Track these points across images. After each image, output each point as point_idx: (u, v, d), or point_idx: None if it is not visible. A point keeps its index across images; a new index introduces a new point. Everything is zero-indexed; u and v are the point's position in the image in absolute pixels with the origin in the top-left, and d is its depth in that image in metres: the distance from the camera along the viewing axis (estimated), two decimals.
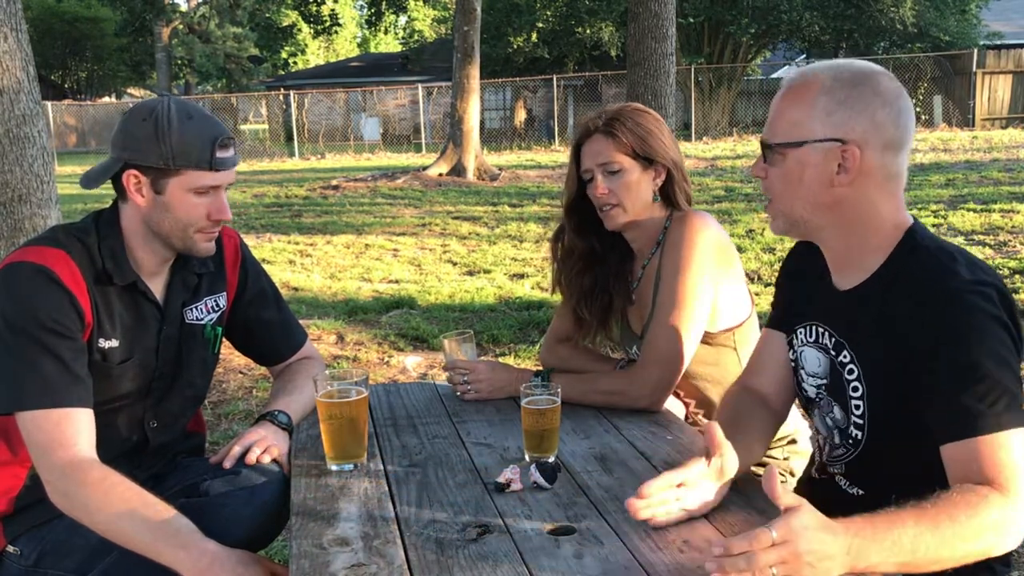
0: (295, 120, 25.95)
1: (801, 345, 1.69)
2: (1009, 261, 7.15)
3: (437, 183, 15.15)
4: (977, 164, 14.07)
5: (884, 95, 1.48)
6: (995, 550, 1.31)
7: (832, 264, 1.62)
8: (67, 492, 1.66)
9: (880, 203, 1.51)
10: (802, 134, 1.49)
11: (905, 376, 1.45)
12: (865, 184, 1.49)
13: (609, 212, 2.12)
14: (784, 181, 1.54)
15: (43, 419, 1.67)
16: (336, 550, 1.37)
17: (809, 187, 1.51)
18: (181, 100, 1.88)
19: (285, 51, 50.10)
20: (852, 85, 1.48)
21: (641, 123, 2.10)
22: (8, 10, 4.01)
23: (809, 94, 1.49)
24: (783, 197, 1.55)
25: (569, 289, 2.28)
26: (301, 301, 6.80)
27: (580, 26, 26.87)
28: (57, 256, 1.75)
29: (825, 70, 1.51)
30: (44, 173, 4.18)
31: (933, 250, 1.48)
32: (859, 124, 1.47)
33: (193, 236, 1.85)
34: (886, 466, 1.40)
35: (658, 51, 7.97)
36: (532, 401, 1.72)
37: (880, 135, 1.47)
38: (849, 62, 1.54)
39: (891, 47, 25.78)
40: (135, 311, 1.88)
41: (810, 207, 1.53)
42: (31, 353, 1.68)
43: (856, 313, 1.55)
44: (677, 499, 1.43)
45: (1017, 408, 1.36)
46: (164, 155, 1.76)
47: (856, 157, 1.47)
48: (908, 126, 1.50)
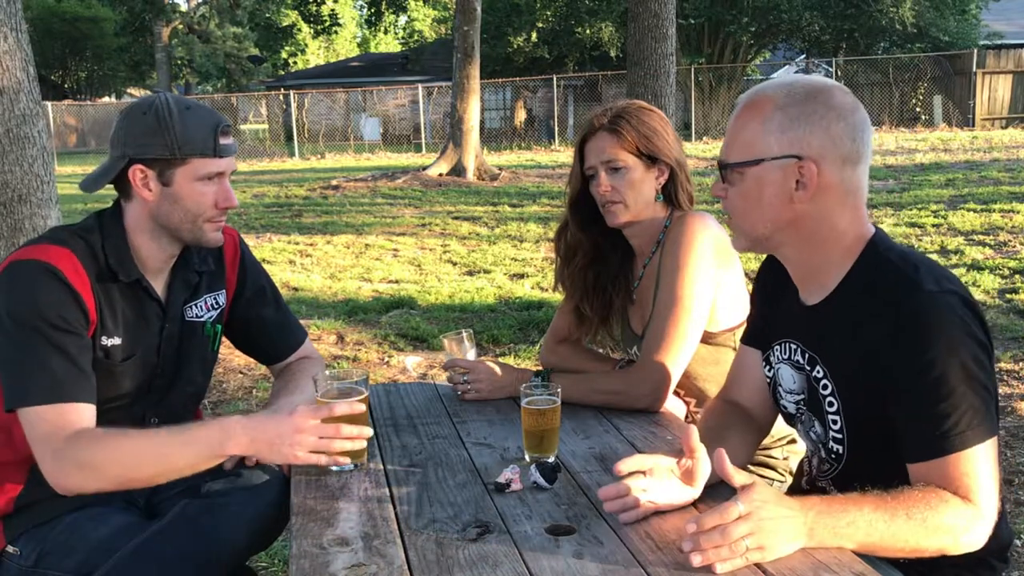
0: (295, 120, 25.96)
1: (777, 363, 1.69)
2: (1009, 261, 7.15)
3: (437, 183, 15.15)
4: (977, 164, 14.07)
5: (838, 109, 1.48)
6: (951, 550, 1.36)
7: (797, 279, 1.62)
8: (79, 461, 1.64)
9: (841, 217, 1.51)
10: (758, 152, 1.50)
11: (875, 388, 1.46)
12: (825, 199, 1.49)
13: (611, 209, 2.12)
14: (744, 200, 1.54)
15: (48, 412, 1.66)
16: (336, 550, 1.37)
17: (769, 205, 1.51)
18: (177, 94, 1.91)
19: (285, 51, 50.10)
20: (805, 101, 1.48)
21: (646, 122, 2.11)
22: (8, 10, 4.01)
23: (763, 112, 1.50)
24: (744, 216, 1.55)
25: (572, 286, 2.28)
26: (301, 301, 6.80)
27: (580, 26, 26.86)
28: (61, 254, 1.76)
29: (778, 88, 1.52)
30: (44, 173, 4.18)
31: (896, 260, 1.48)
32: (815, 139, 1.47)
33: (203, 226, 1.86)
34: (871, 479, 1.41)
35: (658, 51, 7.96)
36: (532, 401, 1.72)
37: (837, 149, 1.47)
38: (802, 78, 1.55)
39: (891, 47, 25.78)
40: (138, 309, 1.88)
41: (771, 224, 1.53)
42: (37, 349, 1.69)
43: (824, 327, 1.55)
44: (643, 490, 1.44)
45: (982, 421, 1.37)
46: (169, 145, 1.78)
47: (813, 173, 1.47)
48: (865, 139, 1.50)
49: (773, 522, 1.26)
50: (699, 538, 1.24)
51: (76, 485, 1.67)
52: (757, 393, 1.77)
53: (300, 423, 1.60)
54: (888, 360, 1.42)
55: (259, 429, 1.63)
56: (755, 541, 1.25)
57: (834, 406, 1.56)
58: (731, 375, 1.85)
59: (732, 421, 1.75)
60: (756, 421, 1.78)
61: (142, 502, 1.97)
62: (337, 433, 1.61)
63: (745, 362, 1.81)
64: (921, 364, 1.38)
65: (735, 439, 1.68)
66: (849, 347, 1.50)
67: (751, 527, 1.25)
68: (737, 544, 1.25)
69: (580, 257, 2.25)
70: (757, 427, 1.78)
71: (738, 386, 1.81)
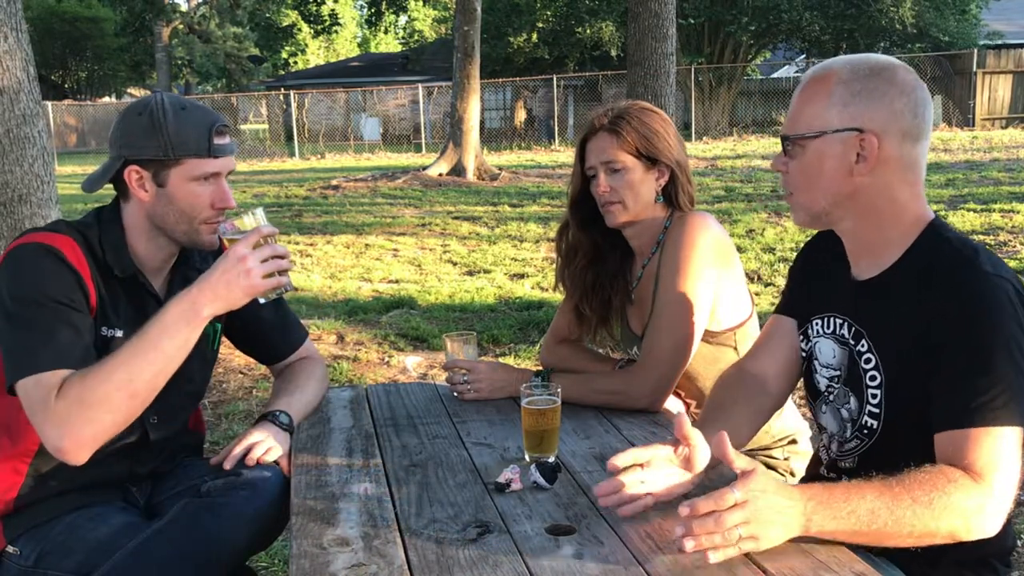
0: (295, 120, 25.96)
1: (816, 336, 1.69)
2: (1009, 261, 7.15)
3: (437, 183, 15.15)
4: (977, 164, 14.08)
5: (901, 85, 1.49)
6: (962, 534, 1.33)
7: (852, 254, 1.62)
8: (77, 405, 1.60)
9: (900, 193, 1.52)
10: (820, 125, 1.51)
11: (922, 364, 1.46)
12: (884, 173, 1.50)
13: (610, 209, 2.12)
14: (804, 173, 1.55)
15: (52, 378, 1.63)
16: (336, 550, 1.37)
17: (829, 177, 1.52)
18: (173, 94, 1.90)
19: (285, 51, 50.11)
20: (869, 76, 1.49)
21: (647, 123, 2.10)
22: (8, 10, 4.01)
23: (826, 86, 1.51)
24: (804, 189, 1.56)
25: (572, 285, 2.29)
26: (301, 301, 6.80)
27: (580, 26, 26.85)
28: (61, 239, 1.77)
29: (843, 63, 1.53)
30: (44, 173, 4.18)
31: (956, 243, 1.49)
32: (877, 113, 1.48)
33: (198, 228, 1.85)
34: (900, 455, 1.41)
35: (658, 51, 7.96)
36: (532, 401, 1.72)
37: (898, 124, 1.48)
38: (867, 56, 1.55)
39: (891, 47, 25.76)
40: (138, 305, 1.88)
41: (831, 198, 1.54)
42: (42, 323, 1.68)
43: (875, 302, 1.56)
44: (642, 482, 1.45)
45: (1015, 406, 1.36)
46: (163, 146, 1.78)
47: (874, 146, 1.48)
48: (926, 117, 1.51)
49: (769, 512, 1.26)
50: (692, 523, 1.24)
51: (89, 436, 1.62)
52: (781, 363, 1.78)
53: (237, 252, 1.67)
54: (941, 337, 1.42)
55: (211, 279, 1.68)
56: (748, 530, 1.24)
57: (876, 380, 1.55)
58: (757, 344, 1.86)
59: (743, 395, 1.76)
60: (770, 396, 1.79)
61: (142, 502, 1.97)
62: (274, 252, 1.69)
63: (776, 331, 1.81)
64: (969, 338, 1.39)
65: (742, 414, 1.70)
66: (904, 323, 1.50)
67: (746, 515, 1.24)
68: (730, 532, 1.23)
69: (580, 257, 2.25)
70: (770, 403, 1.79)
71: (763, 355, 1.82)
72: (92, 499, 1.86)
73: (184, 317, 1.67)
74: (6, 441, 1.81)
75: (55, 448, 1.63)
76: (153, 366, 1.65)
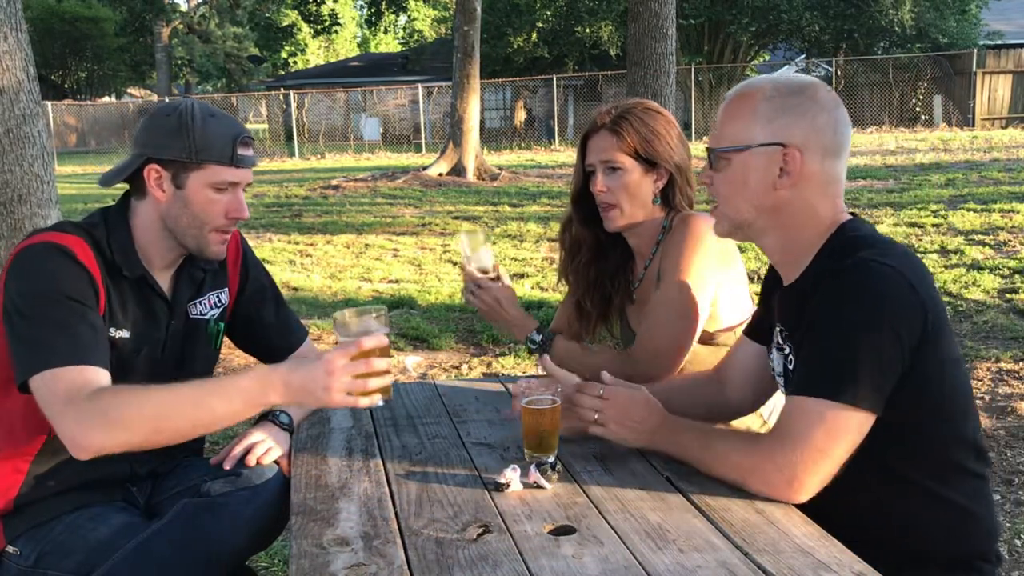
0: (295, 120, 25.96)
1: (771, 350, 1.74)
2: (1009, 261, 7.15)
3: (437, 183, 15.15)
4: (977, 164, 14.08)
5: (823, 103, 1.56)
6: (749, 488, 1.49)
7: (776, 264, 1.69)
8: (104, 416, 1.59)
9: (819, 205, 1.58)
10: (745, 139, 1.57)
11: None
12: (806, 187, 1.56)
13: (608, 213, 2.12)
14: (729, 185, 1.61)
15: (69, 372, 1.62)
16: (336, 550, 1.37)
17: (753, 190, 1.58)
18: (205, 102, 1.91)
19: (285, 51, 50.10)
20: (792, 94, 1.56)
21: (649, 124, 2.09)
22: (8, 10, 4.01)
23: (751, 102, 1.58)
24: (729, 200, 1.62)
25: (576, 280, 2.29)
26: (301, 301, 6.80)
27: (580, 26, 26.86)
28: (74, 240, 1.77)
29: (766, 81, 1.61)
30: (44, 173, 4.18)
31: (856, 237, 1.55)
32: (799, 129, 1.54)
33: (208, 235, 1.85)
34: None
35: (658, 51, 7.97)
36: (532, 401, 1.72)
37: (819, 140, 1.55)
38: (788, 75, 1.64)
39: (891, 47, 25.78)
40: (145, 305, 1.89)
41: (754, 210, 1.60)
42: (57, 319, 1.67)
43: (794, 305, 1.61)
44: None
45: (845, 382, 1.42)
46: (187, 148, 1.78)
47: (797, 160, 1.54)
48: (846, 134, 1.58)
49: (621, 414, 1.65)
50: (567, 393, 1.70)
51: (100, 442, 1.60)
52: (740, 379, 1.85)
53: (331, 365, 1.58)
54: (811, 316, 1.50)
55: (294, 376, 1.60)
56: (601, 417, 1.66)
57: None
58: (723, 360, 1.93)
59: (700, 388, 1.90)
60: (728, 405, 1.88)
61: (142, 502, 1.97)
62: (369, 369, 1.60)
63: (738, 349, 1.89)
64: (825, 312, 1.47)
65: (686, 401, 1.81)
66: (802, 318, 1.55)
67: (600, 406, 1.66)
68: (585, 411, 1.68)
69: (584, 252, 2.26)
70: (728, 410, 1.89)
71: (727, 364, 1.90)
72: (92, 499, 1.86)
73: (249, 394, 1.62)
74: (7, 441, 1.81)
75: (66, 438, 1.61)
76: (191, 418, 1.63)
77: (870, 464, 1.48)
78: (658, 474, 1.63)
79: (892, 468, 1.52)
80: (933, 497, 1.53)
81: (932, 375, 1.48)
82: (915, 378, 1.46)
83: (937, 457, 1.53)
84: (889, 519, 1.54)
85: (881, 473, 1.52)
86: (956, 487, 1.55)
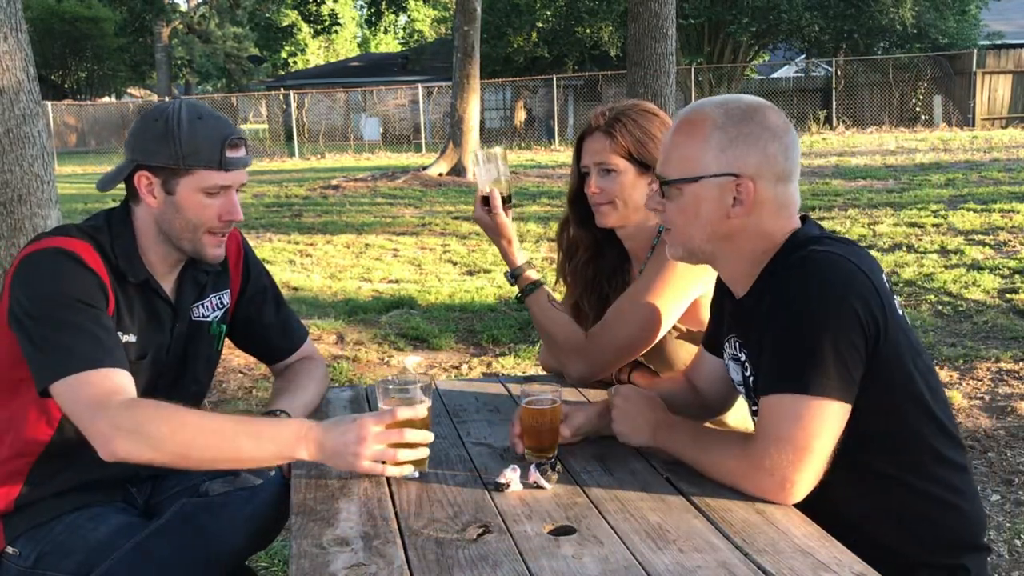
0: (295, 120, 25.96)
1: (727, 360, 1.75)
2: (1009, 261, 7.15)
3: (437, 183, 15.15)
4: (977, 164, 14.08)
5: (773, 129, 1.55)
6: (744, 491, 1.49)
7: (728, 280, 1.69)
8: (137, 429, 1.59)
9: (773, 228, 1.58)
10: (697, 169, 1.55)
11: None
12: (759, 214, 1.56)
13: (600, 209, 2.12)
14: (681, 215, 1.60)
15: (94, 376, 1.62)
16: (336, 550, 1.37)
17: (706, 220, 1.57)
18: (193, 102, 1.88)
19: (285, 51, 50.09)
20: (742, 121, 1.54)
21: (644, 126, 2.08)
22: (8, 10, 4.00)
23: (702, 130, 1.55)
24: (681, 230, 1.62)
25: (574, 280, 2.30)
26: (301, 301, 6.80)
27: (580, 26, 26.86)
28: (80, 245, 1.76)
29: (715, 105, 1.58)
30: (44, 173, 4.18)
31: (808, 239, 1.55)
32: (752, 159, 1.53)
33: (202, 238, 1.84)
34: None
35: (658, 51, 7.97)
36: (532, 401, 1.72)
37: (772, 168, 1.54)
38: (738, 97, 1.61)
39: (891, 47, 25.78)
40: (150, 309, 1.88)
41: (707, 238, 1.59)
42: (73, 323, 1.66)
43: (748, 317, 1.60)
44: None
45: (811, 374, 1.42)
46: (174, 155, 1.77)
47: (750, 190, 1.53)
48: (796, 158, 1.58)
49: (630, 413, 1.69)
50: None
51: (124, 451, 1.59)
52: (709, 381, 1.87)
53: (363, 431, 1.57)
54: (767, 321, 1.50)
55: (328, 435, 1.60)
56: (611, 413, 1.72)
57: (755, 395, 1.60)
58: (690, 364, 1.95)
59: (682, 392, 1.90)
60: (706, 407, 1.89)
61: (141, 502, 1.97)
62: (401, 439, 1.59)
63: (701, 356, 1.91)
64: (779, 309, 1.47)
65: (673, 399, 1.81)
66: (756, 326, 1.55)
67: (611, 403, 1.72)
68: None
69: (582, 252, 2.26)
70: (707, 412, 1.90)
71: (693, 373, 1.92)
72: (92, 499, 1.86)
73: (282, 445, 1.61)
74: (7, 441, 1.81)
75: (93, 439, 1.61)
76: (217, 451, 1.62)
77: (845, 461, 1.47)
78: (658, 474, 1.63)
79: (868, 464, 1.53)
80: (913, 491, 1.54)
81: (894, 363, 1.49)
82: (879, 367, 1.46)
83: (912, 450, 1.54)
84: (869, 516, 1.54)
85: (857, 471, 1.52)
86: (936, 480, 1.55)
